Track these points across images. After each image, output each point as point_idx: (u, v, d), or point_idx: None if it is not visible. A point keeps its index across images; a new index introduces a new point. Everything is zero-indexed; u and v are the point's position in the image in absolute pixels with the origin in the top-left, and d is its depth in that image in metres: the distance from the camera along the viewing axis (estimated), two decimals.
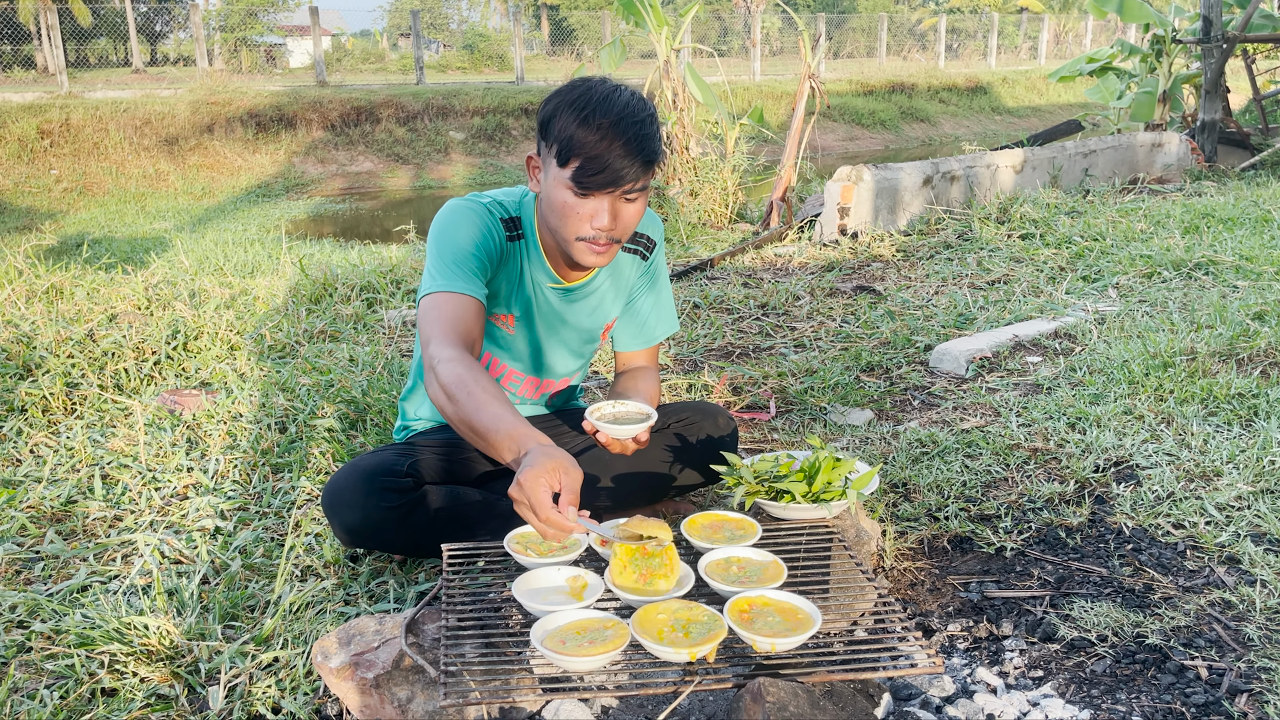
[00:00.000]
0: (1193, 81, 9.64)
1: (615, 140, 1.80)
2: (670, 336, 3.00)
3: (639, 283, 2.26)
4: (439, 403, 1.76)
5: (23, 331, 3.63)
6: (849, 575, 1.87)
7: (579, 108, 1.82)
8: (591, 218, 1.87)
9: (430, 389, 1.78)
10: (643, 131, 1.83)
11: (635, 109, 1.83)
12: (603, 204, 1.87)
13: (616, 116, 1.81)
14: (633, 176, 1.84)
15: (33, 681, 1.78)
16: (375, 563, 2.17)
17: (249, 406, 3.09)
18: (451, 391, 1.72)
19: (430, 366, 1.78)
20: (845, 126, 20.21)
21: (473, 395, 1.70)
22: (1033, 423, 2.86)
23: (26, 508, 2.50)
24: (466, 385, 1.72)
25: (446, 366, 1.75)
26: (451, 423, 1.75)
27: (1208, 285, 4.29)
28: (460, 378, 1.73)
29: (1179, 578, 2.04)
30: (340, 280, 4.88)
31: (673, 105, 7.57)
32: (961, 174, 6.60)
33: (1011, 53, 33.11)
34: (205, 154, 14.80)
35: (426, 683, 1.58)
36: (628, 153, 1.81)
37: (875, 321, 4.15)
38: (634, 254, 2.22)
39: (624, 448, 1.92)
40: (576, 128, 1.81)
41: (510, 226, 2.05)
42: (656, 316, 2.30)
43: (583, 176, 1.82)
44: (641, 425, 1.88)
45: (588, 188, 1.84)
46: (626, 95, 1.86)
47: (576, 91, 1.86)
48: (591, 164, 1.81)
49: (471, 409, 1.69)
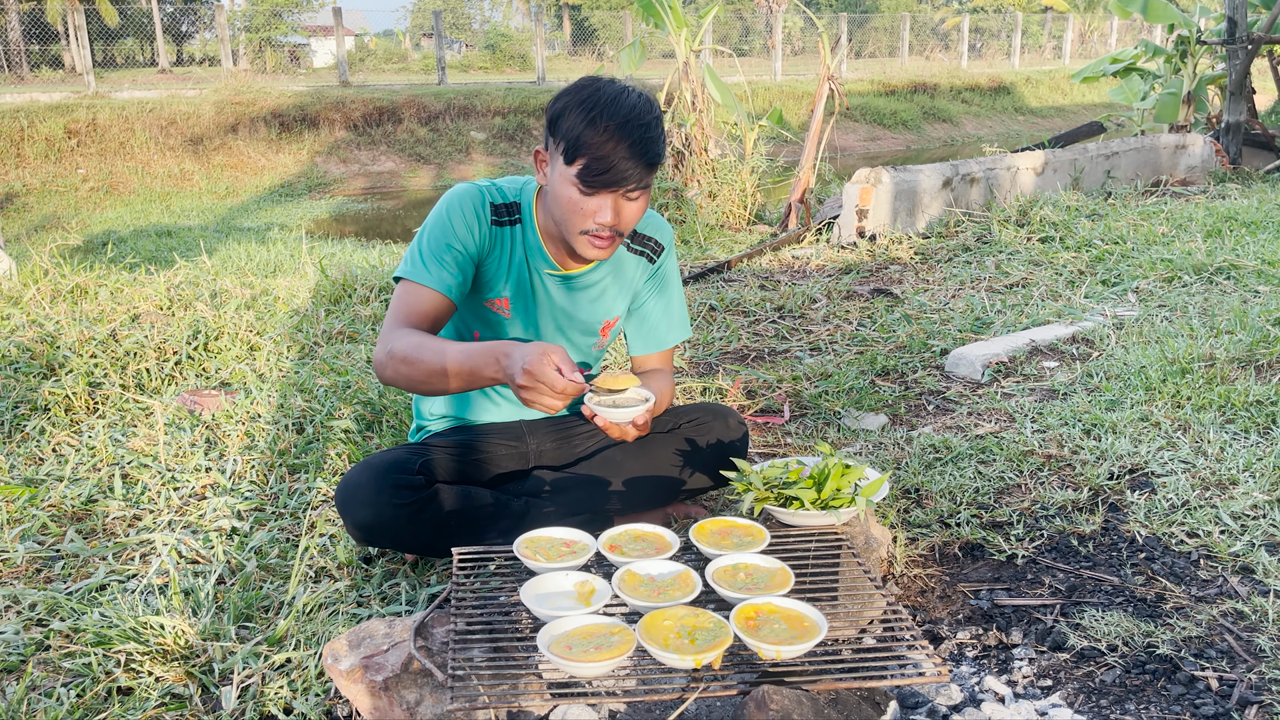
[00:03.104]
0: (1217, 83, 9.55)
1: (621, 142, 1.85)
2: (684, 341, 3.00)
3: (646, 286, 2.27)
4: (401, 373, 1.89)
5: (47, 331, 3.68)
6: (857, 582, 1.87)
7: (587, 108, 1.86)
8: (595, 214, 1.93)
9: (388, 367, 1.90)
10: (648, 134, 1.87)
11: (642, 111, 1.88)
12: (606, 201, 1.92)
13: (624, 118, 1.85)
14: (636, 177, 1.90)
15: (50, 680, 1.82)
16: (388, 564, 2.20)
17: (267, 407, 3.12)
18: (408, 355, 1.87)
19: (384, 346, 1.92)
20: (867, 127, 20.13)
21: (429, 347, 1.86)
22: (1047, 429, 2.85)
23: (48, 506, 2.54)
24: (421, 344, 1.87)
25: (397, 338, 1.90)
26: (420, 384, 1.89)
27: (1229, 290, 4.25)
28: (412, 342, 1.88)
29: (1191, 587, 2.03)
30: (359, 281, 4.91)
31: (691, 106, 7.56)
32: (981, 176, 6.57)
33: (1036, 52, 32.86)
34: (229, 153, 14.92)
35: (435, 686, 1.60)
36: (632, 154, 1.86)
37: (892, 325, 4.14)
38: (640, 255, 2.23)
39: (623, 433, 1.93)
40: (584, 127, 1.86)
41: (504, 211, 2.09)
42: (668, 322, 2.31)
43: (588, 176, 1.88)
44: (639, 409, 1.89)
45: (593, 186, 1.89)
46: (634, 97, 1.91)
47: (586, 91, 1.90)
48: (597, 164, 1.86)
49: (435, 357, 1.84)
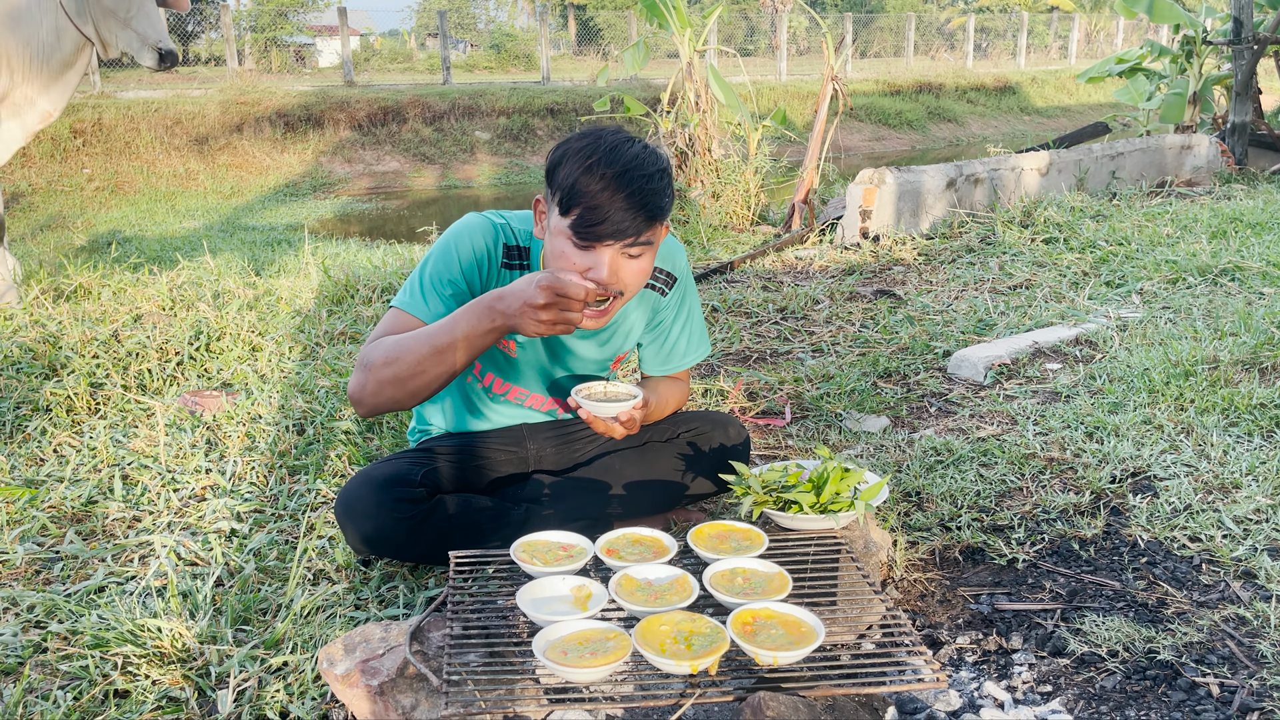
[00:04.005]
0: (1223, 83, 9.51)
1: (619, 191, 1.74)
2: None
3: (660, 316, 2.23)
4: (386, 376, 1.84)
5: (50, 331, 3.69)
6: (856, 587, 1.86)
7: (585, 155, 1.77)
8: (588, 271, 1.80)
9: (368, 384, 1.86)
10: (649, 185, 1.77)
11: (645, 161, 1.78)
12: (602, 257, 1.80)
13: (623, 167, 1.75)
14: (634, 230, 1.78)
15: (48, 682, 1.81)
16: (386, 567, 2.19)
17: (268, 408, 3.12)
18: (388, 355, 1.83)
19: (358, 369, 1.88)
20: (872, 127, 20.10)
21: (409, 336, 1.83)
22: (1050, 431, 2.84)
23: (48, 508, 2.54)
24: (398, 340, 1.84)
25: (369, 352, 1.87)
26: (412, 379, 1.84)
27: (1233, 292, 4.24)
28: (387, 343, 1.85)
29: (1193, 592, 2.02)
30: (362, 281, 4.91)
31: (695, 107, 7.55)
32: (985, 177, 6.55)
33: (1041, 52, 32.78)
34: (234, 153, 14.94)
35: (430, 691, 1.59)
36: (631, 205, 1.75)
37: (894, 326, 4.13)
38: (651, 289, 2.18)
39: (608, 428, 1.90)
40: (580, 175, 1.76)
41: (515, 254, 2.02)
42: (685, 345, 2.28)
43: (581, 226, 1.77)
44: (624, 404, 1.87)
45: (587, 239, 1.78)
46: (638, 148, 1.81)
47: (586, 140, 1.81)
48: (592, 214, 1.75)
49: (417, 343, 1.81)
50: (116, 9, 4.34)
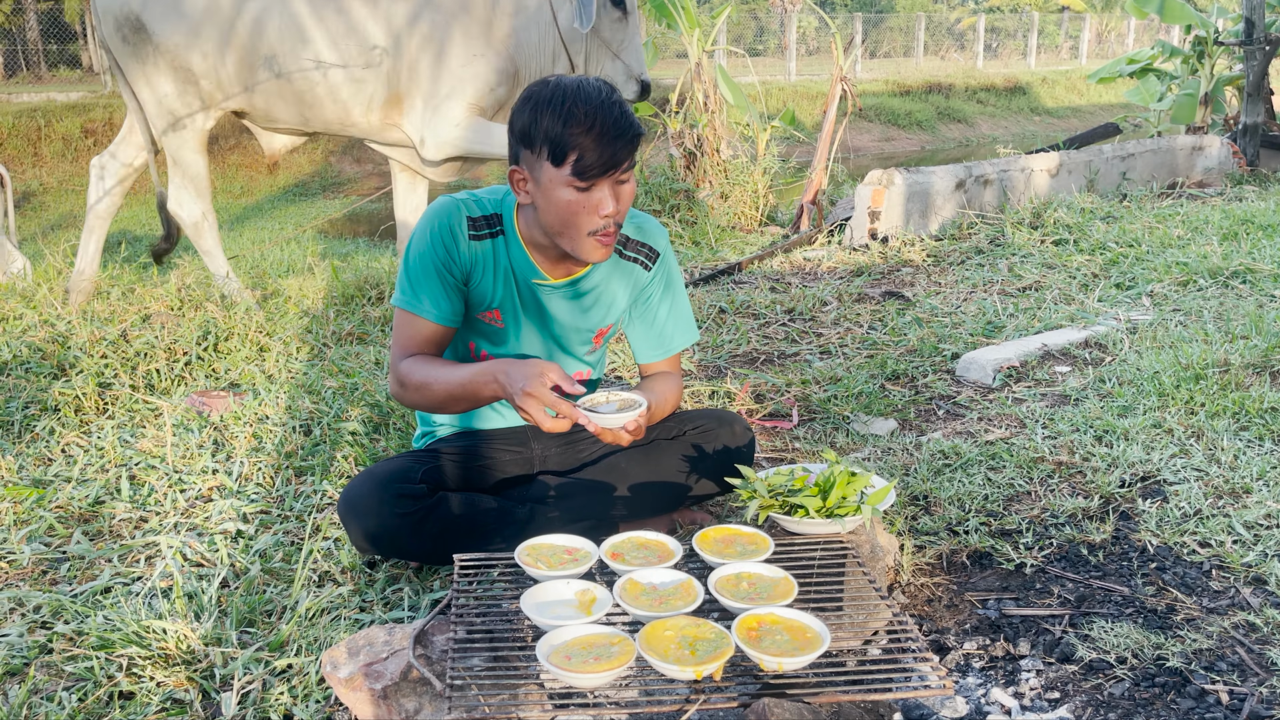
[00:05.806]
0: (1235, 84, 9.46)
1: (604, 125, 1.85)
2: (692, 345, 2.99)
3: (645, 292, 2.22)
4: (417, 399, 2.04)
5: (59, 331, 3.70)
6: (862, 592, 1.85)
7: (556, 105, 1.86)
8: (599, 207, 1.91)
9: (405, 396, 2.06)
10: (622, 110, 1.89)
11: (606, 92, 1.89)
12: (605, 191, 1.91)
13: (595, 103, 1.86)
14: (626, 154, 1.89)
15: (53, 683, 1.82)
16: (391, 569, 2.19)
17: (275, 409, 3.12)
18: (420, 381, 2.01)
19: (396, 378, 2.06)
20: (881, 127, 20.05)
21: (438, 373, 2.00)
22: (1059, 435, 2.82)
23: (55, 508, 2.55)
24: (430, 370, 2.02)
25: (406, 370, 2.04)
26: (435, 405, 2.05)
27: (1245, 294, 4.21)
28: (422, 370, 2.02)
29: (1203, 598, 2.01)
30: (370, 282, 4.92)
31: (704, 107, 7.53)
32: (995, 178, 6.53)
33: (1052, 52, 32.65)
34: (244, 153, 14.97)
35: (434, 695, 1.59)
36: (618, 133, 1.86)
37: (903, 328, 4.11)
38: (634, 262, 2.19)
39: (616, 437, 1.91)
40: (563, 124, 1.85)
41: (483, 224, 2.08)
42: (674, 326, 2.27)
43: (582, 168, 1.86)
44: (630, 414, 1.87)
45: (589, 178, 1.88)
46: (593, 82, 1.92)
47: (546, 92, 1.89)
48: (588, 154, 1.85)
49: (444, 380, 1.99)
50: (612, 41, 4.53)
